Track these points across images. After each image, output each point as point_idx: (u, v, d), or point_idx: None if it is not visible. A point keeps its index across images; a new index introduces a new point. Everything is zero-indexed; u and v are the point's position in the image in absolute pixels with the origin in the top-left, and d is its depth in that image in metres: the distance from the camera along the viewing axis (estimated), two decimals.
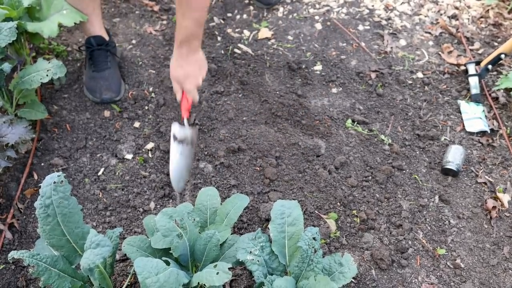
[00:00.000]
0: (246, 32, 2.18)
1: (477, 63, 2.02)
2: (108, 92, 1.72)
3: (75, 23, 1.58)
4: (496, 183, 1.64)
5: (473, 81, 1.96)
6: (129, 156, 1.61)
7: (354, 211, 1.49)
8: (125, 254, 1.31)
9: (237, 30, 2.19)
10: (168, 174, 1.58)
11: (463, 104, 1.91)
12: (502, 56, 1.92)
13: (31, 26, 1.53)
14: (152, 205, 1.48)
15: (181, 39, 1.45)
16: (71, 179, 1.52)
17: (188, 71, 1.49)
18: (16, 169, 1.51)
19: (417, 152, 1.73)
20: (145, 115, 1.75)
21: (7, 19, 1.52)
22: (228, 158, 1.59)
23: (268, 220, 1.42)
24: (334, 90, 1.93)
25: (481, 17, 2.41)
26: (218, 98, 1.82)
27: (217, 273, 0.97)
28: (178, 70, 1.50)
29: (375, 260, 1.36)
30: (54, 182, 0.98)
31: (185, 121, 1.48)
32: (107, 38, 1.78)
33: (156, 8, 2.25)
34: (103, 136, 1.66)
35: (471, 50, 2.20)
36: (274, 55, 2.05)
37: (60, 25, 1.56)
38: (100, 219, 1.43)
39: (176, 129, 1.42)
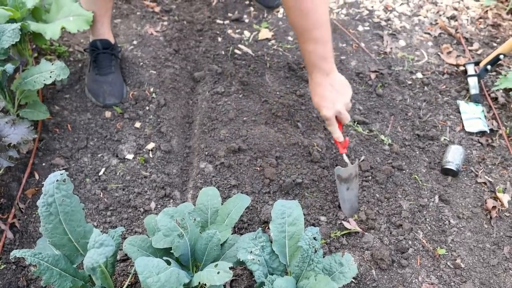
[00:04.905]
0: (247, 33, 2.19)
1: (476, 63, 2.03)
2: (111, 98, 1.73)
3: (78, 30, 1.59)
4: (496, 183, 1.64)
5: (473, 82, 1.97)
6: (130, 156, 1.61)
7: None
8: (126, 254, 1.32)
9: (237, 30, 2.20)
10: (169, 175, 1.59)
11: (463, 104, 1.92)
12: (501, 56, 1.93)
13: (35, 26, 1.54)
14: (152, 205, 1.49)
15: (309, 65, 1.38)
16: (72, 179, 1.52)
17: (325, 97, 1.39)
18: (17, 169, 1.51)
19: (417, 152, 1.73)
20: (146, 116, 1.75)
21: (11, 20, 1.53)
22: (229, 158, 1.60)
23: (266, 222, 1.43)
24: None
25: (480, 18, 2.42)
26: (219, 99, 1.82)
27: (218, 273, 0.97)
28: (315, 98, 1.42)
29: (376, 260, 1.36)
30: (57, 180, 0.98)
31: (345, 157, 1.49)
32: (113, 41, 1.79)
33: (157, 9, 2.26)
34: (104, 136, 1.66)
35: (470, 50, 2.21)
36: (274, 56, 2.06)
37: (63, 29, 1.57)
38: (101, 219, 1.43)
39: (340, 172, 1.43)
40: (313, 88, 1.43)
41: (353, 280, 1.32)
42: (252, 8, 2.35)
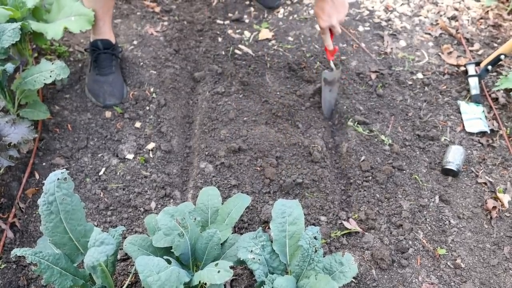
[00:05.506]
0: (247, 33, 2.19)
1: (477, 64, 2.03)
2: (112, 98, 1.73)
3: (80, 31, 1.58)
4: (496, 183, 1.64)
5: (473, 82, 1.97)
6: (130, 156, 1.61)
7: (355, 211, 1.50)
8: (126, 254, 1.32)
9: (237, 31, 2.20)
10: (169, 174, 1.59)
11: (463, 105, 1.92)
12: (502, 57, 1.93)
13: (35, 26, 1.54)
14: (153, 204, 1.49)
15: None
16: (72, 179, 1.52)
17: (324, 10, 1.61)
18: (17, 168, 1.52)
19: (417, 153, 1.73)
20: (146, 115, 1.75)
21: (11, 20, 1.53)
22: (229, 158, 1.60)
23: (267, 221, 1.43)
24: None
25: (481, 18, 2.42)
26: (219, 99, 1.82)
27: (219, 272, 0.97)
28: (316, 9, 1.65)
29: (376, 260, 1.36)
30: (58, 179, 0.99)
31: (332, 64, 1.77)
32: (114, 41, 1.79)
33: (157, 9, 2.26)
34: (104, 136, 1.66)
35: (470, 51, 2.21)
36: (274, 56, 2.06)
37: (65, 30, 1.57)
38: (101, 219, 1.43)
39: (326, 74, 1.75)
40: (316, 1, 1.64)
41: (353, 280, 1.32)
42: (252, 9, 2.35)
